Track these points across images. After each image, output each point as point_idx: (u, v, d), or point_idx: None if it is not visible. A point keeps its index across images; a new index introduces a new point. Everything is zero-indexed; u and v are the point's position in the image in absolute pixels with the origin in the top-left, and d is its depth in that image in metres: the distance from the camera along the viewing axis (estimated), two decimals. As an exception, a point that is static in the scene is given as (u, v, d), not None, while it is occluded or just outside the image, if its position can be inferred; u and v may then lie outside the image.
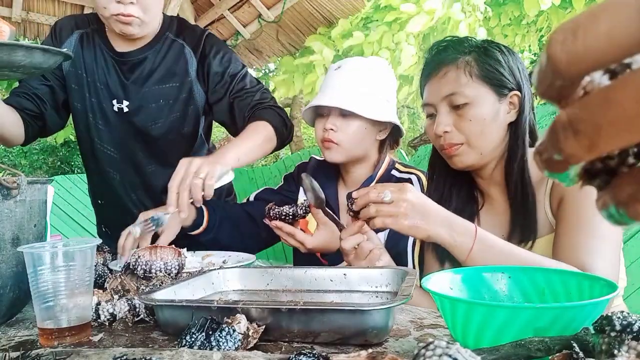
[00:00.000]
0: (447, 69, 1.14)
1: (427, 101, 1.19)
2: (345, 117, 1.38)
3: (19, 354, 0.66)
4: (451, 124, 1.14)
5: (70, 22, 1.57)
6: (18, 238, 0.85)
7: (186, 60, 1.54)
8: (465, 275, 0.72)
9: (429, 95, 1.19)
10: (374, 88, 1.42)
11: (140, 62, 1.53)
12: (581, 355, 0.48)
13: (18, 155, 10.29)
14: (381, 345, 0.69)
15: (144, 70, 1.53)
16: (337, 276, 0.93)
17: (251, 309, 0.71)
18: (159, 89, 1.54)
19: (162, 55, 1.53)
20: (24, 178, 0.84)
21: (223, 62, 1.53)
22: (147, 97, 1.53)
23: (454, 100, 1.13)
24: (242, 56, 3.29)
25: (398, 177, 1.44)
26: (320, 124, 1.42)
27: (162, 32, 1.54)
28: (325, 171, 1.52)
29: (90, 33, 1.54)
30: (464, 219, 1.01)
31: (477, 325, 0.57)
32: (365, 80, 1.41)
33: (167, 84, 1.54)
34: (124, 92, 1.53)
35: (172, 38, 1.55)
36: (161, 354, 0.63)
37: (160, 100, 1.54)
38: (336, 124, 1.38)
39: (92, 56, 1.54)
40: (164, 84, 1.54)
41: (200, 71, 1.54)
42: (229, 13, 2.94)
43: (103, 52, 1.53)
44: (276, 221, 1.25)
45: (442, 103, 1.15)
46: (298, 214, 1.25)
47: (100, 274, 1.09)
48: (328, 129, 1.38)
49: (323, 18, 2.94)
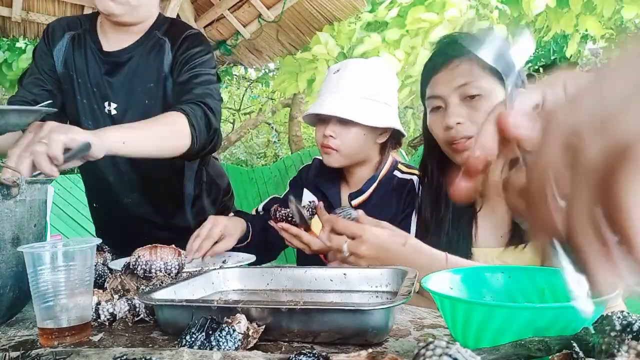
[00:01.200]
0: (460, 61, 1.12)
1: (435, 93, 1.16)
2: (345, 124, 1.38)
3: (19, 354, 0.66)
4: (464, 116, 1.11)
5: (61, 24, 1.55)
6: (18, 238, 0.85)
7: (164, 54, 1.49)
8: (465, 275, 0.72)
9: (437, 87, 1.15)
10: (374, 92, 1.41)
11: (125, 62, 1.49)
12: (581, 355, 0.48)
13: (18, 155, 10.27)
14: (381, 345, 0.69)
15: (129, 69, 1.49)
16: (337, 276, 0.93)
17: (251, 309, 0.71)
18: (144, 89, 1.49)
19: (146, 53, 1.50)
20: (23, 177, 0.84)
21: (192, 56, 1.44)
22: (133, 98, 1.49)
23: (467, 91, 1.10)
24: (242, 56, 3.29)
25: (400, 177, 1.44)
26: (320, 130, 1.43)
27: (151, 30, 1.51)
28: (328, 172, 1.52)
29: (81, 34, 1.53)
30: (434, 249, 1.01)
31: (477, 325, 0.57)
32: (365, 84, 1.41)
33: (150, 83, 1.50)
34: (112, 93, 1.50)
35: (158, 36, 1.51)
36: (161, 354, 0.63)
37: (146, 101, 1.50)
38: (335, 130, 1.38)
39: (83, 57, 1.51)
40: (148, 83, 1.49)
41: (173, 64, 1.48)
42: (229, 13, 2.94)
43: (93, 53, 1.51)
44: (282, 223, 1.25)
45: (453, 94, 1.12)
46: (304, 215, 1.25)
47: (100, 274, 1.09)
48: (327, 135, 1.39)
49: (323, 18, 2.94)
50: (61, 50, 1.51)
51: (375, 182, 1.43)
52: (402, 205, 1.39)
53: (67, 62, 1.51)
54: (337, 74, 1.43)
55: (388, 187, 1.43)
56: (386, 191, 1.42)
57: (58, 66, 1.51)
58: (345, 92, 1.39)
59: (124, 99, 1.50)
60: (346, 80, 1.40)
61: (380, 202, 1.41)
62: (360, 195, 1.43)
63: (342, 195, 1.49)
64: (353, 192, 1.45)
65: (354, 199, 1.43)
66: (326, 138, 1.39)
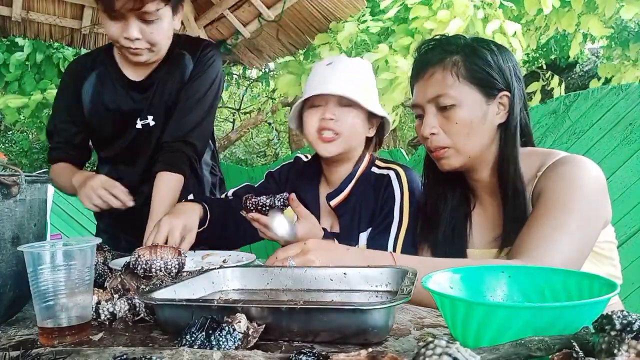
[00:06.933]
0: (434, 69, 1.13)
1: (415, 102, 1.18)
2: (344, 107, 1.35)
3: (19, 353, 0.66)
4: (437, 126, 1.12)
5: (86, 64, 1.69)
6: (18, 237, 0.85)
7: (185, 66, 1.63)
8: (465, 275, 0.72)
9: (416, 96, 1.17)
10: (368, 84, 1.42)
11: (153, 84, 1.63)
12: (581, 355, 0.48)
13: (19, 154, 10.29)
14: (381, 345, 0.69)
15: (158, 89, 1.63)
16: (337, 275, 0.93)
17: (251, 309, 0.71)
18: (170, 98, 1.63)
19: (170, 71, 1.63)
20: (23, 176, 0.84)
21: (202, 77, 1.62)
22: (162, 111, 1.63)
23: (440, 102, 1.11)
24: (242, 55, 3.29)
25: (377, 173, 1.41)
26: (315, 115, 1.37)
27: (170, 49, 1.63)
28: (308, 173, 1.51)
29: (105, 70, 1.66)
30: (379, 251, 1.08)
31: (477, 325, 0.57)
32: (358, 76, 1.40)
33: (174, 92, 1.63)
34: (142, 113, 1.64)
35: (177, 52, 1.64)
36: (161, 353, 0.63)
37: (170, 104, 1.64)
38: (335, 113, 1.34)
39: (112, 89, 1.65)
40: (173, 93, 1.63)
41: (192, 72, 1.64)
42: (229, 12, 2.94)
43: (120, 82, 1.64)
44: (253, 213, 1.22)
45: (429, 105, 1.14)
46: (276, 205, 1.21)
47: (100, 273, 1.09)
48: (328, 118, 1.34)
49: (323, 18, 2.94)
50: (89, 89, 1.65)
51: (354, 180, 1.40)
52: (380, 202, 1.35)
53: (96, 100, 1.65)
54: (330, 65, 1.40)
55: (366, 184, 1.40)
56: (365, 188, 1.39)
57: (85, 106, 1.66)
58: (343, 78, 1.36)
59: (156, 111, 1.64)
60: (341, 70, 1.38)
61: (359, 200, 1.38)
62: (338, 194, 1.40)
63: (320, 199, 1.46)
64: (331, 192, 1.41)
65: (332, 199, 1.40)
66: (325, 121, 1.34)
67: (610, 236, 1.12)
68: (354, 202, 1.39)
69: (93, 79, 1.65)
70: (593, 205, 1.03)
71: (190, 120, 1.59)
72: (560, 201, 1.01)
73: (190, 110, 1.59)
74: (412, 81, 1.20)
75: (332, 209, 1.41)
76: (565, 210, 1.00)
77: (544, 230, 0.99)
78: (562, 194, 1.02)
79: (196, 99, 1.60)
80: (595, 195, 1.04)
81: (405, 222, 1.31)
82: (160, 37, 1.52)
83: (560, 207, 1.01)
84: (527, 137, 1.19)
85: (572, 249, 0.98)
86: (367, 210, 1.37)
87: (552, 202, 1.02)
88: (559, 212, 1.00)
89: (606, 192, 1.07)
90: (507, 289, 0.71)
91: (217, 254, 1.33)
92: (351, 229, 1.37)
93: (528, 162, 1.12)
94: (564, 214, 1.00)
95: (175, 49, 1.63)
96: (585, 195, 1.02)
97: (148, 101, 1.63)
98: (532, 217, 1.04)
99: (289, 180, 1.54)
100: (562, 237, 0.98)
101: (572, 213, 1.00)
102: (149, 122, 1.63)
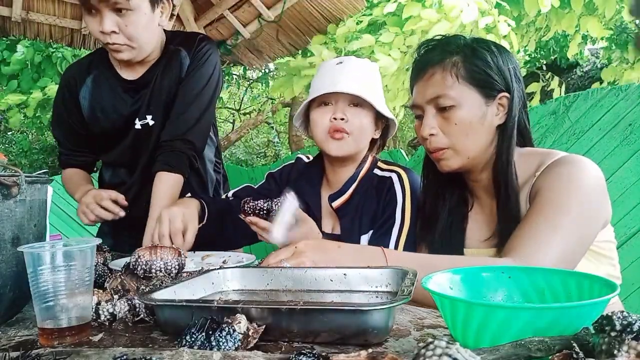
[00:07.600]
0: (434, 70, 1.13)
1: (415, 102, 1.18)
2: (354, 107, 1.36)
3: (19, 354, 0.66)
4: (437, 127, 1.12)
5: (81, 68, 1.68)
6: (18, 238, 0.85)
7: (181, 63, 1.61)
8: (465, 275, 0.72)
9: (416, 96, 1.17)
10: (376, 85, 1.42)
11: (149, 82, 1.61)
12: (581, 355, 0.48)
13: (18, 155, 10.29)
14: (381, 345, 0.69)
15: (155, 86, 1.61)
16: (337, 276, 0.93)
17: (251, 309, 0.71)
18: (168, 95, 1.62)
19: (167, 68, 1.61)
20: (23, 176, 0.84)
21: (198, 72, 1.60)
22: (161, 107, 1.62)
23: (440, 103, 1.11)
24: (242, 56, 3.29)
25: (380, 175, 1.41)
26: (325, 114, 1.36)
27: (165, 47, 1.62)
28: (309, 174, 1.50)
29: (100, 73, 1.65)
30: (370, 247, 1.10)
31: (477, 325, 0.57)
32: (368, 76, 1.41)
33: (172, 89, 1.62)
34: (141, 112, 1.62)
35: (172, 48, 1.62)
36: (161, 354, 0.63)
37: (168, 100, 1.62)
38: (346, 113, 1.34)
39: (108, 91, 1.64)
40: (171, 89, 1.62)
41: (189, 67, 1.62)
42: (229, 13, 2.94)
43: (115, 83, 1.63)
44: (251, 217, 1.23)
45: (428, 105, 1.14)
46: (273, 209, 1.22)
47: (100, 274, 1.09)
48: (339, 117, 1.34)
49: (323, 18, 2.94)
50: (86, 94, 1.64)
51: (356, 182, 1.40)
52: (382, 204, 1.36)
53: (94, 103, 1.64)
54: (340, 65, 1.40)
55: (368, 186, 1.40)
56: (367, 190, 1.39)
57: (85, 110, 1.66)
58: (354, 77, 1.36)
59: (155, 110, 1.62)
60: (352, 70, 1.38)
61: (361, 202, 1.38)
62: (341, 196, 1.40)
63: (322, 200, 1.46)
64: (333, 194, 1.41)
65: (334, 201, 1.40)
66: (337, 121, 1.34)
67: (610, 236, 1.12)
68: (356, 204, 1.39)
69: (89, 83, 1.65)
70: (592, 206, 1.03)
71: (189, 117, 1.57)
72: (555, 201, 1.01)
73: (188, 107, 1.57)
74: (412, 82, 1.20)
75: (334, 210, 1.41)
76: (560, 209, 1.00)
77: (536, 229, 0.99)
78: (558, 194, 1.02)
79: (194, 95, 1.58)
80: (594, 195, 1.04)
81: (406, 224, 1.31)
82: (138, 31, 1.47)
83: (555, 206, 1.01)
84: (526, 138, 1.19)
85: (564, 248, 0.98)
86: (369, 212, 1.37)
87: (547, 201, 1.02)
88: (553, 211, 1.00)
89: (606, 192, 1.07)
90: (507, 290, 0.71)
91: (217, 255, 1.33)
92: (352, 231, 1.37)
93: (527, 162, 1.12)
94: (559, 214, 1.00)
95: (171, 46, 1.62)
96: (584, 195, 1.02)
97: (146, 101, 1.61)
98: (527, 216, 1.04)
99: (290, 181, 1.54)
100: (555, 236, 0.98)
101: (567, 213, 1.00)
102: (148, 122, 1.62)
